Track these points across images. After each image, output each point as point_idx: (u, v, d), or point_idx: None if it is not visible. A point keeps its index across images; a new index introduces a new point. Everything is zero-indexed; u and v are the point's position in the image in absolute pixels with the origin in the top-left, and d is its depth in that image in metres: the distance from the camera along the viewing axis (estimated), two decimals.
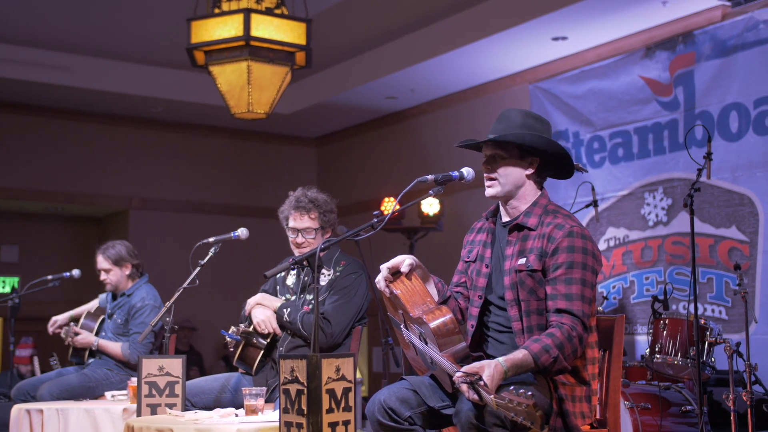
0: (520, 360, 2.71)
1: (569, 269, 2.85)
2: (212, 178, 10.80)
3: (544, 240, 2.90)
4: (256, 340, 4.09)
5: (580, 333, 2.81)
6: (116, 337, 5.26)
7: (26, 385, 5.28)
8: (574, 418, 2.86)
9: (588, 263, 2.87)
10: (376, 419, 2.90)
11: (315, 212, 4.06)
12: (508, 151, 2.98)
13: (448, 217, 8.19)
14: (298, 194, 4.14)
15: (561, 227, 2.90)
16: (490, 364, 2.65)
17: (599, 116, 7.28)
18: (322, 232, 4.09)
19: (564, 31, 7.32)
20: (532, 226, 2.95)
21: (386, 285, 3.01)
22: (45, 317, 9.74)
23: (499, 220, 3.11)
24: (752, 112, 6.21)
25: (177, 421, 3.34)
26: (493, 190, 3.01)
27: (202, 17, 5.80)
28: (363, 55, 8.94)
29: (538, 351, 2.73)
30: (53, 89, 9.21)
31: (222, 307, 9.25)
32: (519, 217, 3.00)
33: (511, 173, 2.98)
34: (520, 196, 3.01)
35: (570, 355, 2.79)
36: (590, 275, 2.87)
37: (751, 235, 6.11)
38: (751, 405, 4.35)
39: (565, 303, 2.83)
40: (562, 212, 3.00)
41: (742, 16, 6.33)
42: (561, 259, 2.86)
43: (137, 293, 5.28)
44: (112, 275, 5.29)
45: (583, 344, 2.84)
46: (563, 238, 2.87)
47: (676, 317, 4.89)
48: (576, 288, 2.83)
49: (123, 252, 5.27)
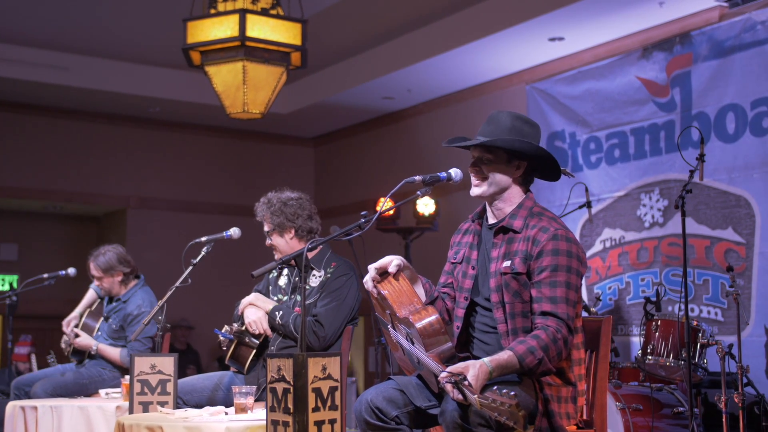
0: (505, 361, 2.72)
1: (554, 272, 2.86)
2: (210, 177, 10.82)
3: (529, 243, 2.91)
4: (249, 340, 4.10)
5: (565, 336, 2.82)
6: (111, 341, 5.27)
7: (23, 382, 5.30)
8: (560, 418, 2.87)
9: (572, 266, 2.88)
10: (363, 418, 2.91)
11: (266, 215, 4.16)
12: (496, 155, 2.99)
13: (443, 218, 8.19)
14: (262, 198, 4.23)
15: (546, 230, 2.91)
16: (475, 365, 2.66)
17: (596, 117, 7.27)
18: (279, 233, 4.14)
19: (561, 31, 7.31)
20: (517, 229, 2.97)
21: (374, 285, 3.02)
22: (43, 315, 9.83)
23: (485, 221, 3.12)
24: (749, 114, 6.20)
25: (167, 419, 3.35)
26: (479, 190, 3.02)
27: (198, 18, 5.82)
28: (360, 55, 8.94)
29: (523, 352, 2.74)
30: (51, 89, 9.23)
31: (220, 306, 9.22)
32: (504, 219, 3.01)
33: (498, 177, 3.00)
34: (506, 197, 3.03)
35: (555, 357, 2.80)
36: (575, 278, 2.89)
37: (747, 237, 6.11)
38: (743, 407, 4.35)
39: (550, 306, 2.84)
40: (547, 214, 3.01)
41: (740, 17, 6.32)
42: (546, 262, 2.87)
43: (132, 300, 5.25)
44: (104, 282, 5.30)
45: (568, 347, 2.85)
46: (548, 241, 2.88)
47: (668, 318, 4.89)
48: (561, 291, 2.85)
49: (113, 260, 5.24)
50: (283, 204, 4.14)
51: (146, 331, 4.93)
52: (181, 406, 3.97)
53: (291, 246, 4.13)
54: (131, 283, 5.35)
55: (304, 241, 4.13)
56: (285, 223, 4.12)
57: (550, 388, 2.88)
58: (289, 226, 4.13)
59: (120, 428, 3.40)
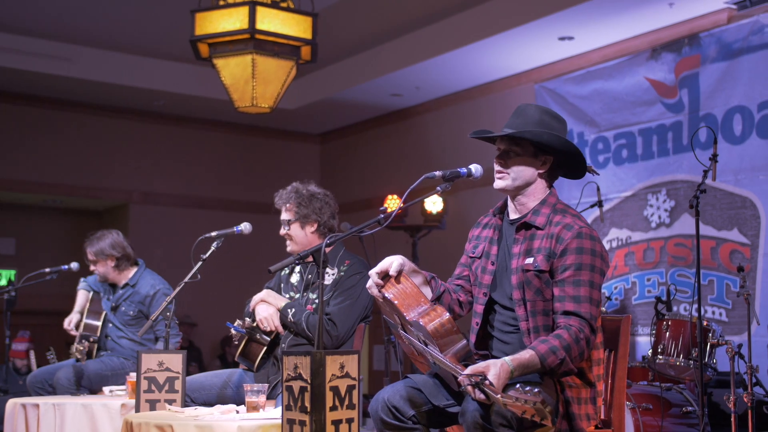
0: (527, 360, 2.68)
1: (578, 271, 2.82)
2: (214, 173, 10.76)
3: (553, 240, 2.87)
4: (260, 336, 4.05)
5: (588, 336, 2.78)
6: (126, 329, 5.24)
7: (42, 374, 5.22)
8: (580, 420, 2.84)
9: (596, 265, 2.85)
10: (380, 417, 2.87)
11: (291, 203, 4.05)
12: (523, 147, 2.94)
13: (451, 216, 8.16)
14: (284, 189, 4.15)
15: (570, 228, 2.87)
16: (496, 364, 2.62)
17: (604, 117, 7.26)
18: (301, 224, 4.05)
19: (570, 31, 7.29)
20: (540, 225, 2.92)
21: (378, 291, 2.96)
22: (42, 311, 9.75)
23: (506, 216, 3.07)
24: (756, 116, 6.20)
25: (177, 418, 3.29)
26: (503, 183, 2.97)
27: (207, 9, 5.76)
28: (369, 51, 8.90)
29: (545, 352, 2.70)
30: (54, 80, 9.14)
31: (222, 304, 9.20)
32: (527, 215, 2.97)
33: (524, 171, 2.95)
34: (529, 192, 2.98)
35: (577, 357, 2.77)
36: (598, 277, 2.85)
37: (752, 238, 6.11)
38: (752, 406, 4.34)
39: (573, 305, 2.80)
40: (571, 212, 2.97)
41: (748, 19, 6.33)
42: (570, 260, 2.83)
43: (142, 282, 5.28)
44: (99, 267, 5.31)
45: (590, 347, 2.82)
46: (572, 240, 2.84)
47: (679, 318, 4.88)
48: (584, 290, 2.81)
49: (105, 246, 5.26)
50: (311, 196, 4.06)
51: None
52: (189, 404, 3.92)
53: (309, 240, 4.05)
54: (131, 269, 5.35)
55: (323, 237, 4.04)
56: (311, 215, 4.04)
57: (570, 389, 2.84)
58: (314, 219, 4.05)
59: (128, 427, 3.33)
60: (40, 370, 5.31)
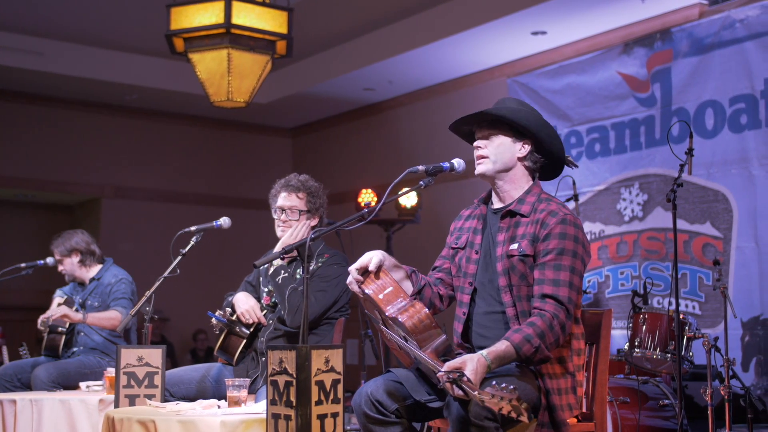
0: (502, 352, 2.70)
1: (559, 256, 2.85)
2: (186, 167, 10.70)
3: (537, 225, 2.90)
4: (239, 329, 4.04)
5: (563, 321, 2.80)
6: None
7: (13, 368, 5.18)
8: (561, 411, 2.85)
9: (578, 252, 2.88)
10: (363, 411, 2.88)
11: (304, 193, 4.02)
12: (501, 130, 3.00)
13: (425, 210, 8.18)
14: (289, 176, 4.10)
15: (555, 214, 2.91)
16: (473, 358, 2.63)
17: (577, 111, 7.31)
18: (308, 216, 4.02)
19: (543, 25, 7.33)
20: (525, 213, 2.95)
21: (358, 287, 2.97)
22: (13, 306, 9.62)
23: (490, 206, 3.10)
24: (727, 110, 6.27)
25: (159, 413, 3.26)
26: (483, 167, 3.00)
27: (183, 3, 5.73)
28: (341, 45, 8.89)
29: (520, 341, 2.72)
30: (25, 74, 9.04)
31: (194, 299, 9.18)
32: (512, 203, 3.00)
33: (503, 153, 2.99)
34: (510, 178, 3.01)
35: (552, 343, 2.79)
36: (579, 264, 2.88)
37: (725, 231, 6.18)
38: (729, 399, 4.40)
39: (552, 288, 2.82)
40: (556, 201, 3.01)
41: (719, 14, 6.39)
42: (552, 245, 2.86)
43: (107, 275, 5.35)
44: (66, 265, 5.38)
45: (565, 332, 2.83)
46: (556, 225, 2.88)
47: (655, 312, 4.93)
48: (564, 275, 2.84)
49: (70, 242, 5.36)
50: (317, 189, 4.05)
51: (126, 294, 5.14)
52: (168, 398, 3.90)
53: (304, 234, 3.98)
54: (96, 265, 5.41)
55: None
56: (319, 209, 4.02)
57: (550, 379, 2.86)
58: (320, 214, 4.03)
59: (109, 422, 3.28)
60: (11, 365, 5.28)
